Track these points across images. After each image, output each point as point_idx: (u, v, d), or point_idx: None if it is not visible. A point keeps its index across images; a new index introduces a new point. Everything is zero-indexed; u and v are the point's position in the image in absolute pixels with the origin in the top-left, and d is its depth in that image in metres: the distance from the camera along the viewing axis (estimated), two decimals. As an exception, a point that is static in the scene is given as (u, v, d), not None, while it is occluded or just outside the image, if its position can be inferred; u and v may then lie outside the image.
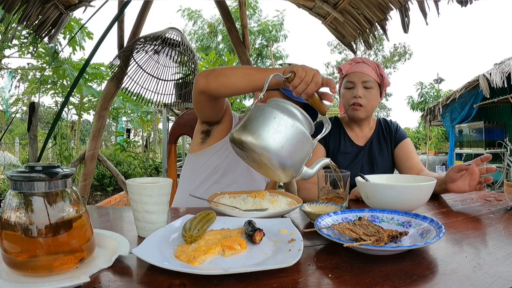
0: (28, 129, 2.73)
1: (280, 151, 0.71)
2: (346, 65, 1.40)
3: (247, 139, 0.72)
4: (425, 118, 9.20)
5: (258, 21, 12.75)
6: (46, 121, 8.55)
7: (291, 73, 0.87)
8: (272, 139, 0.71)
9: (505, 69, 6.30)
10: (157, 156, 8.90)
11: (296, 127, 0.73)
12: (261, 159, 0.74)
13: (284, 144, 0.71)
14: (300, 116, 0.78)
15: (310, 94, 0.87)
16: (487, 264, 0.57)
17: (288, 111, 0.77)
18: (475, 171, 1.00)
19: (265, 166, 0.76)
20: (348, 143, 1.42)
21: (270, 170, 0.76)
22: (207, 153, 1.26)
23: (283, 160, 0.72)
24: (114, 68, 2.84)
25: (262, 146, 0.71)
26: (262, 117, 0.73)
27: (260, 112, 0.74)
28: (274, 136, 0.71)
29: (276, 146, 0.71)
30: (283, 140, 0.71)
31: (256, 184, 1.34)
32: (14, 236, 0.52)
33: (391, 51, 20.99)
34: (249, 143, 0.72)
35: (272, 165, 0.73)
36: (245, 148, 0.74)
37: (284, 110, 0.76)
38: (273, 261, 0.58)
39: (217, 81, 1.01)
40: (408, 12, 2.32)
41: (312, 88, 0.86)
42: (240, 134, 0.74)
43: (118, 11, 2.15)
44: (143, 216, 0.74)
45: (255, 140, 0.71)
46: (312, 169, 0.81)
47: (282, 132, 0.72)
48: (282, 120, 0.72)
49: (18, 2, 2.33)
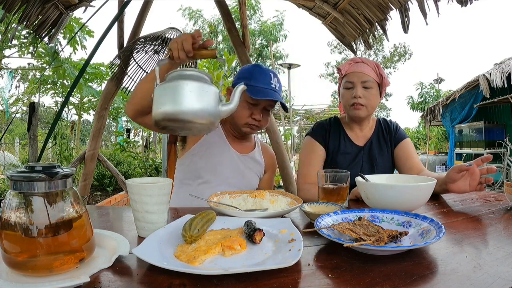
0: (28, 129, 2.73)
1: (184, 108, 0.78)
2: (346, 65, 1.40)
3: (158, 117, 0.80)
4: (425, 118, 9.20)
5: (259, 21, 12.75)
6: (46, 121, 8.55)
7: (169, 51, 0.96)
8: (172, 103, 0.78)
9: (505, 69, 6.30)
10: (157, 156, 8.90)
11: (184, 84, 0.79)
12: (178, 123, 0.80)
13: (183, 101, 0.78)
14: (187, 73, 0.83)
15: (189, 51, 0.94)
16: (487, 264, 0.57)
17: (175, 76, 0.83)
18: (475, 172, 1.00)
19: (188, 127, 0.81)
20: (348, 143, 1.42)
21: (195, 126, 0.81)
22: (188, 157, 1.35)
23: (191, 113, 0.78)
24: (114, 68, 2.84)
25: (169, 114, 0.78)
26: (159, 94, 0.81)
27: (157, 91, 0.82)
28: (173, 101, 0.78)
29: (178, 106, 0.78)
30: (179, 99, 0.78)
31: (248, 181, 1.38)
32: (14, 236, 0.52)
33: (391, 51, 21.00)
34: (161, 118, 0.80)
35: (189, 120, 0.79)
36: (162, 123, 0.81)
37: (171, 79, 0.83)
38: (273, 261, 0.58)
39: (135, 100, 1.09)
40: (408, 12, 2.32)
41: (186, 45, 0.93)
42: (153, 115, 0.81)
43: (118, 11, 2.15)
44: (143, 216, 0.74)
45: (163, 114, 0.79)
46: (230, 103, 0.85)
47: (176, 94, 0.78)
48: (170, 86, 0.80)
49: (18, 2, 2.33)
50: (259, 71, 1.28)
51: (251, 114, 1.28)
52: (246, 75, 1.28)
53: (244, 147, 1.42)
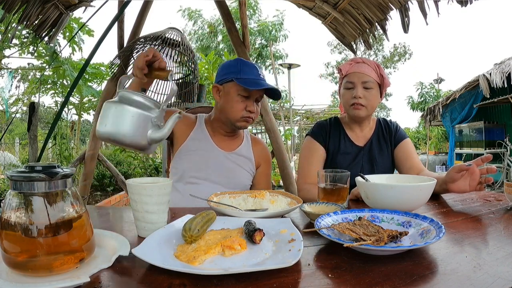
0: (28, 129, 2.73)
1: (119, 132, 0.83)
2: (346, 65, 1.40)
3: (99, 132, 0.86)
4: (425, 118, 9.20)
5: (258, 21, 12.74)
6: (46, 121, 8.54)
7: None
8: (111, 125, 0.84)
9: (505, 69, 6.30)
10: (157, 156, 8.89)
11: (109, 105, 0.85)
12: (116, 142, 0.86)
13: (106, 123, 0.84)
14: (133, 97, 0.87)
15: (143, 68, 0.98)
16: (487, 264, 0.57)
17: (121, 98, 0.87)
18: (475, 171, 1.00)
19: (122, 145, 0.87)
20: (348, 143, 1.42)
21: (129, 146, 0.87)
22: (176, 158, 1.38)
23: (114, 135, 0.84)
24: (114, 68, 2.84)
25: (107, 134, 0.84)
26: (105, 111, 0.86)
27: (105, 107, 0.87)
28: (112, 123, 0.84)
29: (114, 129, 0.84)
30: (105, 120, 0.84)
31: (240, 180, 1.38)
32: (14, 236, 0.52)
33: (391, 51, 21.00)
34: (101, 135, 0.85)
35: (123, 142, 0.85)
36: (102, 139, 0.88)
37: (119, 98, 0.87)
38: (273, 261, 0.58)
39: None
40: (408, 12, 2.32)
41: (138, 63, 0.98)
42: (96, 129, 0.87)
43: (118, 11, 2.15)
44: (143, 216, 0.74)
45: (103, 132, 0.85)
46: (162, 130, 0.89)
47: (105, 117, 0.85)
48: (104, 109, 0.85)
49: (18, 2, 2.33)
50: (245, 64, 1.31)
51: (246, 107, 1.30)
52: (233, 70, 1.30)
53: (231, 145, 1.41)
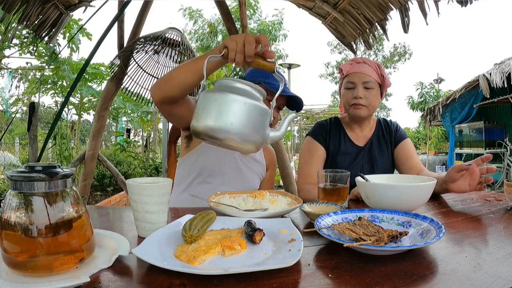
0: (28, 129, 2.73)
1: (232, 129, 0.72)
2: (347, 65, 1.40)
3: (199, 128, 0.73)
4: (425, 118, 9.20)
5: (258, 21, 12.74)
6: (46, 121, 8.54)
7: (224, 48, 0.85)
8: (220, 120, 0.72)
9: (505, 69, 6.30)
10: (157, 156, 8.89)
11: (238, 100, 0.72)
12: (221, 142, 0.75)
13: (233, 121, 0.71)
14: (241, 87, 0.77)
15: (251, 56, 0.84)
16: (487, 264, 0.57)
17: (228, 87, 0.76)
18: (475, 171, 1.00)
19: (230, 145, 0.76)
20: (348, 143, 1.42)
21: (237, 146, 0.76)
22: (193, 156, 1.32)
23: (240, 135, 0.72)
24: (114, 68, 2.84)
25: (214, 130, 0.72)
26: (205, 103, 0.74)
27: (203, 99, 0.75)
28: (221, 117, 0.72)
29: (226, 125, 0.71)
30: (230, 117, 0.71)
31: (249, 183, 1.37)
32: (14, 236, 0.52)
33: (391, 51, 20.99)
34: (203, 131, 0.73)
35: (233, 142, 0.74)
36: (202, 136, 0.75)
37: (224, 88, 0.76)
38: (273, 261, 0.58)
39: (167, 85, 1.02)
40: (408, 12, 2.32)
41: (249, 50, 0.83)
42: (193, 125, 0.75)
43: (118, 11, 2.15)
44: (143, 216, 0.74)
45: (205, 128, 0.72)
46: (279, 130, 0.81)
47: (227, 112, 0.72)
48: (223, 100, 0.72)
49: (18, 2, 2.33)
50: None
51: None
52: (263, 73, 1.28)
53: None
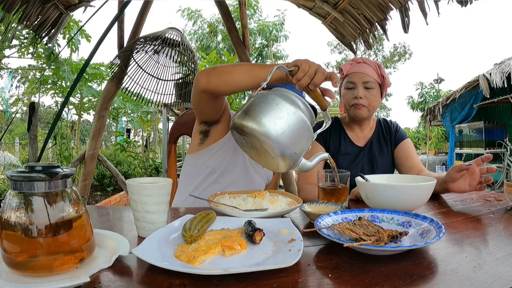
0: (28, 129, 2.73)
1: (281, 137, 0.71)
2: (347, 65, 1.40)
3: (248, 124, 0.72)
4: (425, 118, 9.20)
5: (259, 21, 12.74)
6: (46, 121, 8.55)
7: (294, 66, 0.85)
8: (274, 124, 0.70)
9: (505, 69, 6.30)
10: (157, 156, 8.89)
11: (298, 115, 0.72)
12: (262, 145, 0.73)
13: (285, 130, 0.71)
14: (302, 105, 0.77)
15: (318, 85, 0.84)
16: (487, 264, 0.57)
17: (290, 99, 0.76)
18: (475, 171, 1.00)
19: (264, 153, 0.75)
20: (348, 144, 1.42)
21: (270, 157, 0.75)
22: (206, 154, 1.26)
23: (283, 147, 0.72)
24: (114, 68, 2.84)
25: (263, 131, 0.71)
26: (264, 103, 0.72)
27: (263, 98, 0.74)
28: (275, 122, 0.71)
29: (277, 131, 0.71)
30: (284, 126, 0.71)
31: (256, 185, 1.34)
32: (14, 236, 0.52)
33: (391, 51, 21.00)
34: (250, 128, 0.72)
35: (272, 151, 0.73)
36: (246, 133, 0.74)
37: (287, 98, 0.76)
38: (273, 261, 0.58)
39: (219, 79, 0.99)
40: (408, 12, 2.32)
41: (319, 79, 0.84)
42: (242, 119, 0.73)
43: (118, 11, 2.15)
44: (143, 216, 0.74)
45: (256, 125, 0.71)
46: (311, 161, 0.81)
47: (284, 119, 0.71)
48: (284, 107, 0.72)
49: (18, 2, 2.33)
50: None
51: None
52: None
53: None
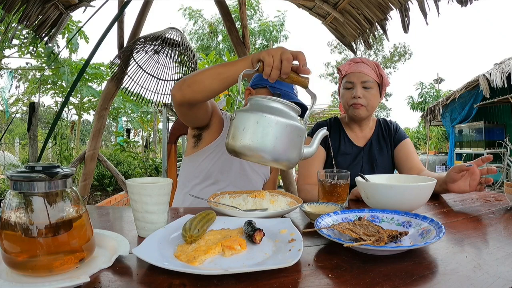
0: (28, 129, 2.73)
1: (275, 150, 0.73)
2: (345, 65, 1.40)
3: (240, 149, 0.74)
4: (425, 118, 9.20)
5: (259, 21, 12.75)
6: (46, 121, 8.55)
7: (259, 63, 0.85)
8: (262, 142, 0.72)
9: (505, 69, 6.30)
10: (157, 156, 8.90)
11: (280, 123, 0.73)
12: (261, 161, 0.76)
13: (275, 143, 0.72)
14: (281, 107, 0.78)
15: (288, 73, 0.84)
16: (487, 264, 0.57)
17: (268, 108, 0.76)
18: (475, 172, 1.00)
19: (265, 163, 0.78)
20: (348, 144, 1.42)
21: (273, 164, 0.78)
22: (200, 156, 1.28)
23: (279, 156, 0.74)
24: (114, 68, 2.84)
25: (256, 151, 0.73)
26: (246, 124, 0.74)
27: (243, 119, 0.75)
28: (263, 140, 0.72)
29: (269, 147, 0.73)
30: (273, 140, 0.72)
31: (253, 184, 1.36)
32: (14, 236, 0.52)
33: (391, 51, 21.00)
34: (243, 152, 0.74)
35: (272, 162, 0.75)
36: (242, 156, 0.77)
37: (265, 109, 0.76)
38: (273, 261, 0.58)
39: (191, 89, 1.00)
40: (408, 12, 2.32)
41: (286, 67, 0.83)
42: (233, 145, 0.75)
43: (118, 11, 2.15)
44: (143, 216, 0.74)
45: (247, 150, 0.73)
46: (311, 146, 0.82)
47: (270, 134, 0.73)
48: (266, 122, 0.73)
49: (18, 2, 2.33)
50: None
51: None
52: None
53: None
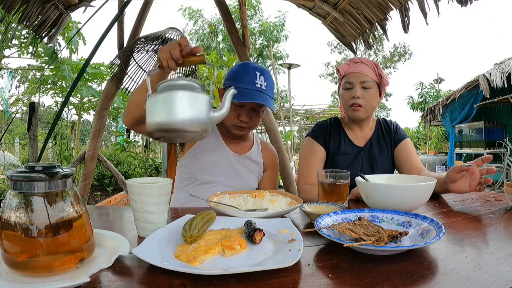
0: (28, 129, 2.73)
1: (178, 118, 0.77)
2: (344, 65, 1.40)
3: (151, 128, 0.80)
4: (425, 118, 9.19)
5: (259, 21, 12.75)
6: (46, 121, 8.54)
7: (158, 61, 0.96)
8: (165, 115, 0.78)
9: (505, 69, 6.30)
10: (157, 156, 8.89)
11: (176, 94, 0.79)
12: (174, 133, 0.80)
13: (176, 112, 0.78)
14: (179, 83, 0.83)
15: (179, 58, 0.94)
16: (487, 264, 0.57)
17: (167, 86, 0.83)
18: (475, 172, 1.00)
19: (181, 135, 0.82)
20: (348, 144, 1.42)
21: (189, 134, 0.82)
22: (186, 159, 1.36)
23: (185, 122, 0.78)
24: (114, 68, 2.84)
25: (163, 125, 0.78)
26: (151, 106, 0.81)
27: (149, 103, 0.82)
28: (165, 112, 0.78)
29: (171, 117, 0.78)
30: (173, 109, 0.78)
31: (247, 182, 1.38)
32: (14, 236, 0.52)
33: (391, 51, 20.99)
34: (155, 130, 0.80)
35: (183, 130, 0.79)
36: (157, 135, 0.82)
37: (163, 88, 0.82)
38: (273, 261, 0.58)
39: (129, 111, 1.12)
40: (408, 12, 2.32)
41: (175, 53, 0.93)
42: (147, 128, 0.82)
43: (118, 11, 2.15)
44: (143, 216, 0.74)
45: (156, 125, 0.79)
46: (221, 108, 0.84)
47: (169, 105, 0.78)
48: (163, 97, 0.80)
49: (18, 2, 2.33)
50: (244, 71, 1.24)
51: (238, 116, 1.26)
52: (232, 76, 1.26)
53: (241, 147, 1.42)
